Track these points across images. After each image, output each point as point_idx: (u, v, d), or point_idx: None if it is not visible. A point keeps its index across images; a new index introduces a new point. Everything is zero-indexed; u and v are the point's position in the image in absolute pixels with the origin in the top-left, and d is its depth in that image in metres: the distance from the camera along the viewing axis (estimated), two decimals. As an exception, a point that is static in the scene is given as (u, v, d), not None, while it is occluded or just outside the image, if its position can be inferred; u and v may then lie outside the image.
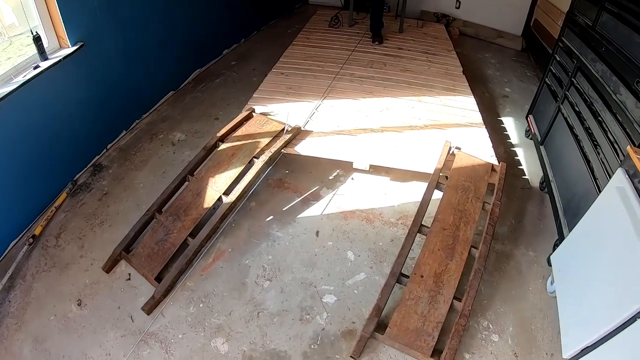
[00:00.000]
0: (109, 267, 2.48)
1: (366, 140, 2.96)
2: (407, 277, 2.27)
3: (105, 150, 3.32)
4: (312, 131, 2.98)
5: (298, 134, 2.95)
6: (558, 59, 3.04)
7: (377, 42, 4.16)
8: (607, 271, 1.83)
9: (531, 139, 3.42)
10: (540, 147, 3.14)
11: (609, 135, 2.23)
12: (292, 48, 3.93)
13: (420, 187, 2.90)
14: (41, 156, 2.79)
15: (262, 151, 2.81)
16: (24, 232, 2.74)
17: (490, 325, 2.22)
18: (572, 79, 2.74)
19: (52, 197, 2.91)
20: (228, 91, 3.83)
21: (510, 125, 3.68)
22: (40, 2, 2.66)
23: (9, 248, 2.66)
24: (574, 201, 2.49)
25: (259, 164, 2.72)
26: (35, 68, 2.63)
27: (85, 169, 3.16)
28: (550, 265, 2.39)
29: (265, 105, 3.23)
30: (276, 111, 3.16)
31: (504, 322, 2.23)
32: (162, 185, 2.85)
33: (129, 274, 2.47)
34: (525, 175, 3.18)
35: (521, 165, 3.28)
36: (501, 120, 3.73)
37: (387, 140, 2.97)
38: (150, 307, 2.28)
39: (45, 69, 2.65)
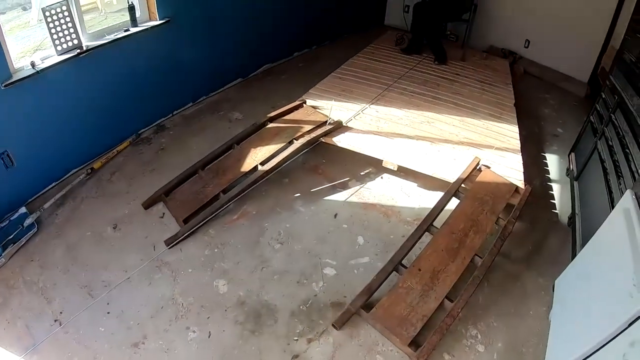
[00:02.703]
0: (148, 204, 2.88)
1: (400, 144, 3.14)
2: (406, 267, 2.39)
3: (171, 115, 3.80)
4: (352, 128, 3.22)
5: (339, 127, 3.22)
6: (603, 97, 3.07)
7: (437, 62, 4.36)
8: (599, 297, 1.84)
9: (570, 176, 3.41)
10: (574, 182, 3.14)
11: (632, 165, 2.24)
12: (356, 59, 4.24)
13: (444, 197, 3.03)
14: (115, 106, 3.27)
15: (303, 135, 3.11)
16: (86, 164, 3.22)
17: (479, 335, 2.26)
18: (611, 115, 2.77)
19: (117, 142, 3.40)
20: (290, 86, 4.19)
21: (553, 162, 3.67)
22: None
23: (69, 174, 3.16)
24: (592, 232, 2.49)
25: (296, 144, 3.02)
26: (125, 31, 3.16)
27: (150, 126, 3.65)
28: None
29: (316, 100, 3.54)
30: (326, 107, 3.45)
31: (494, 336, 2.26)
32: (211, 150, 3.19)
33: (163, 214, 2.85)
34: (555, 209, 3.17)
35: (554, 199, 3.26)
36: (544, 156, 3.73)
37: (420, 148, 3.13)
38: (172, 241, 2.61)
39: (133, 33, 3.18)
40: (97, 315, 2.29)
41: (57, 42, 2.82)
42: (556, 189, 3.38)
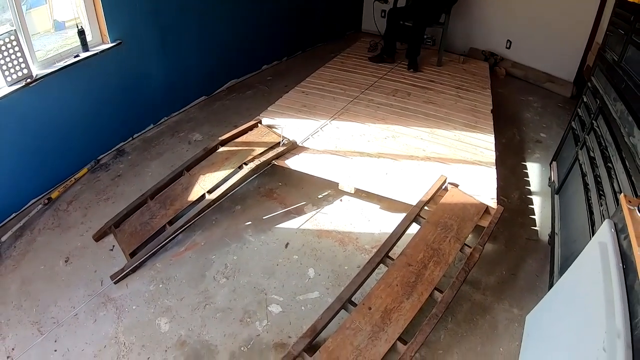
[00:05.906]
0: (99, 236, 2.77)
1: (359, 164, 2.93)
2: (355, 305, 2.18)
3: (131, 138, 3.67)
4: (308, 148, 3.02)
5: (293, 148, 3.02)
6: (585, 100, 2.81)
7: (412, 70, 4.12)
8: (567, 349, 1.59)
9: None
10: (555, 196, 2.89)
11: (615, 183, 1.99)
12: (323, 70, 4.04)
13: (408, 219, 2.81)
14: (71, 133, 3.17)
15: (253, 159, 2.92)
16: (44, 194, 3.14)
17: (438, 379, 2.02)
18: (593, 122, 2.52)
19: (75, 170, 3.30)
20: (255, 103, 4.03)
21: (535, 172, 3.42)
22: (89, 3, 3.09)
23: (28, 204, 3.08)
24: (571, 260, 2.24)
25: (245, 170, 2.83)
26: (75, 57, 3.04)
27: (110, 151, 3.53)
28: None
29: (274, 118, 3.35)
30: (283, 125, 3.26)
31: (455, 380, 2.03)
32: (163, 177, 3.06)
33: (113, 246, 2.75)
34: (535, 226, 2.93)
35: (534, 215, 3.02)
36: (525, 166, 3.48)
37: (380, 167, 2.91)
38: (117, 276, 2.52)
39: (83, 58, 3.05)
40: (46, 352, 2.23)
41: (6, 72, 2.71)
42: (537, 202, 3.14)
